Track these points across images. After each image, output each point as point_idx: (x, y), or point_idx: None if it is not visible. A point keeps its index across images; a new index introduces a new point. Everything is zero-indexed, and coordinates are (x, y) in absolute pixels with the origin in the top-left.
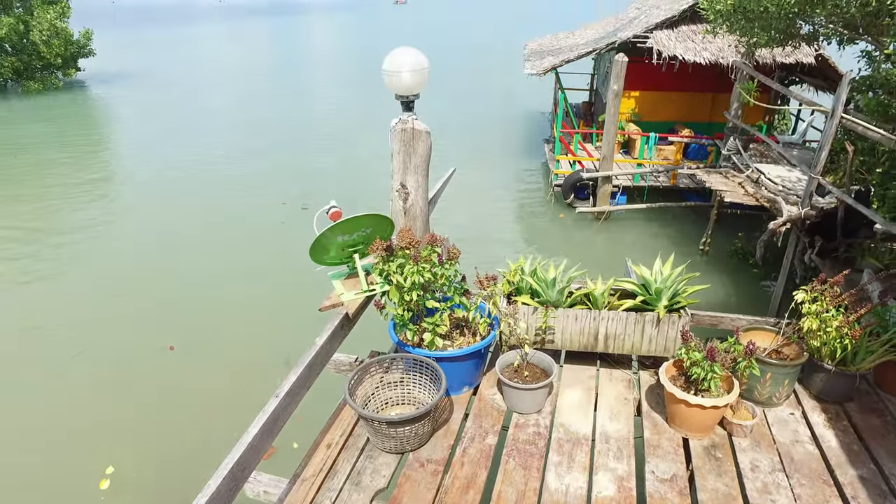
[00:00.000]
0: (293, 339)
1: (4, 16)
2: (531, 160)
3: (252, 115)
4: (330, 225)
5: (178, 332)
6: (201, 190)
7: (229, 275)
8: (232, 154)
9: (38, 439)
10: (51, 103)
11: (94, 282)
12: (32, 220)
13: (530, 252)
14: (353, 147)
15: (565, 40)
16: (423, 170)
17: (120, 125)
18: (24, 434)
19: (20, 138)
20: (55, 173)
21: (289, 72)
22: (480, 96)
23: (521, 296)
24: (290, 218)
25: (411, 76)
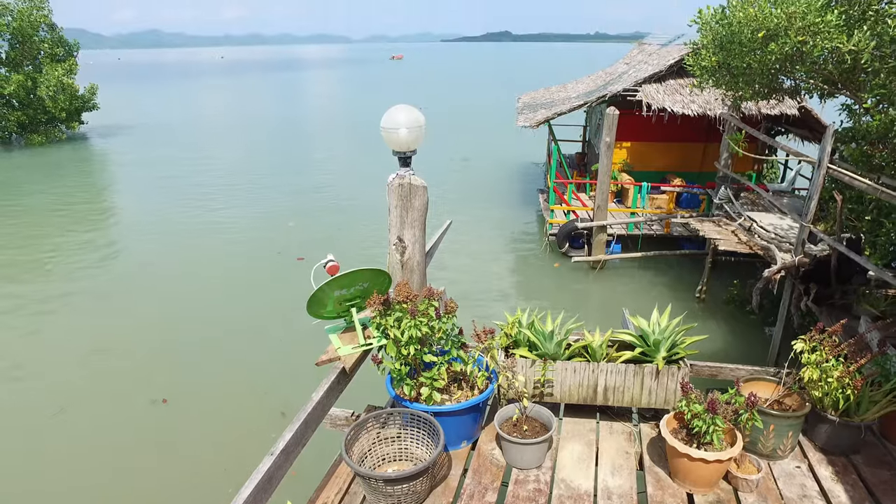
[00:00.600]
0: (289, 392)
1: (14, 73)
2: (526, 210)
3: (249, 166)
4: (328, 279)
5: (171, 384)
6: (196, 240)
7: (225, 326)
8: (227, 204)
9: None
10: (53, 155)
11: (87, 333)
12: (26, 271)
13: (527, 302)
14: (348, 198)
15: (557, 93)
16: (420, 224)
17: (118, 177)
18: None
19: (20, 189)
20: (51, 224)
21: (288, 124)
22: (474, 147)
23: (520, 349)
24: (285, 268)
25: (408, 133)
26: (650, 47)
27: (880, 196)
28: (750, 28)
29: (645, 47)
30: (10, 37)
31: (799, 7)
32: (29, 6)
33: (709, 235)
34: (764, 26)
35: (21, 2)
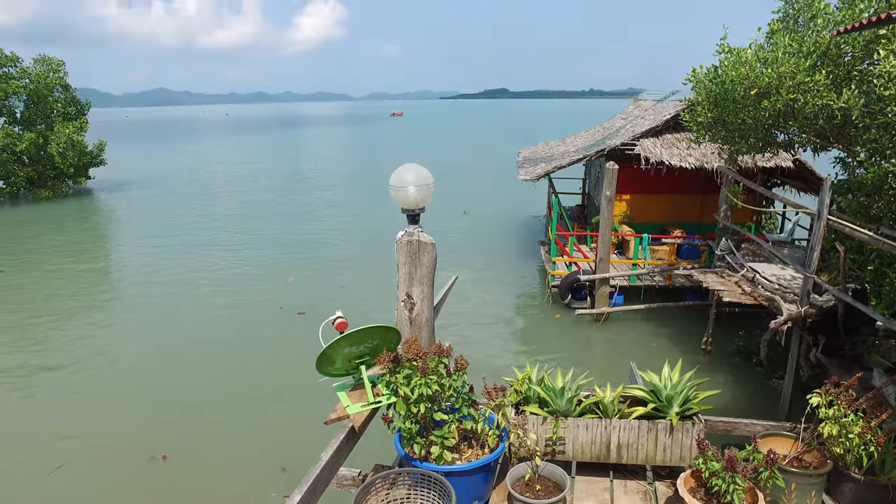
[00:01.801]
0: (289, 446)
1: (27, 132)
2: (527, 262)
3: (250, 221)
4: (337, 336)
5: (170, 440)
6: (196, 293)
7: (224, 381)
8: (227, 258)
9: None
10: (59, 210)
11: (88, 390)
12: (25, 328)
13: (530, 354)
14: (350, 254)
15: (556, 148)
16: (428, 280)
17: (121, 231)
18: None
19: (24, 243)
20: (53, 280)
21: (289, 180)
22: (474, 201)
23: (530, 405)
24: (285, 323)
25: (416, 191)
26: (646, 103)
27: (881, 247)
28: (743, 86)
29: (641, 103)
30: (27, 98)
31: (788, 67)
32: (46, 69)
33: (713, 287)
34: (756, 84)
35: (39, 65)
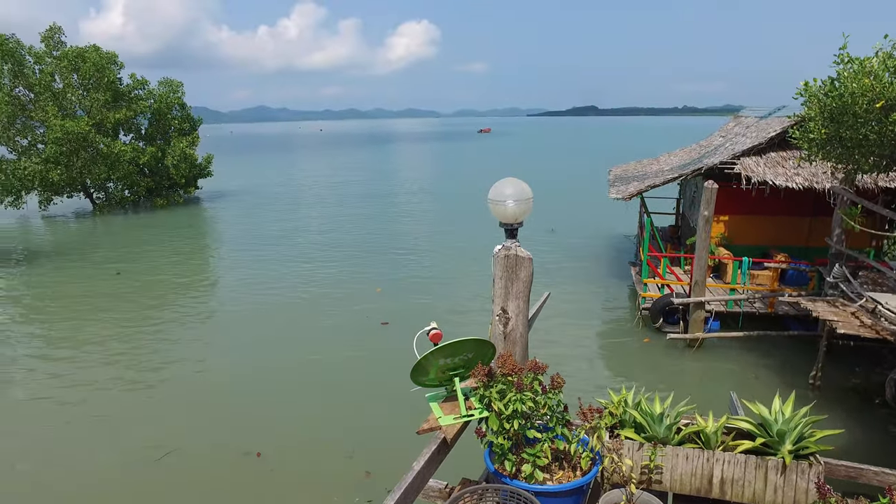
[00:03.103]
0: (373, 452)
1: (149, 146)
2: (616, 283)
3: (341, 231)
4: (432, 347)
5: (265, 439)
6: (288, 297)
7: (317, 386)
8: (319, 266)
9: None
10: (171, 217)
11: (190, 386)
12: (134, 320)
13: (617, 377)
14: (436, 267)
15: (649, 166)
16: (524, 296)
17: (222, 238)
18: None
19: (140, 246)
20: (162, 278)
21: (380, 193)
22: (563, 219)
23: (625, 429)
24: (370, 331)
25: (515, 205)
26: (748, 119)
27: None
28: (866, 99)
29: (742, 120)
30: (151, 116)
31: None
32: (168, 90)
33: (824, 317)
34: (883, 96)
35: (163, 87)
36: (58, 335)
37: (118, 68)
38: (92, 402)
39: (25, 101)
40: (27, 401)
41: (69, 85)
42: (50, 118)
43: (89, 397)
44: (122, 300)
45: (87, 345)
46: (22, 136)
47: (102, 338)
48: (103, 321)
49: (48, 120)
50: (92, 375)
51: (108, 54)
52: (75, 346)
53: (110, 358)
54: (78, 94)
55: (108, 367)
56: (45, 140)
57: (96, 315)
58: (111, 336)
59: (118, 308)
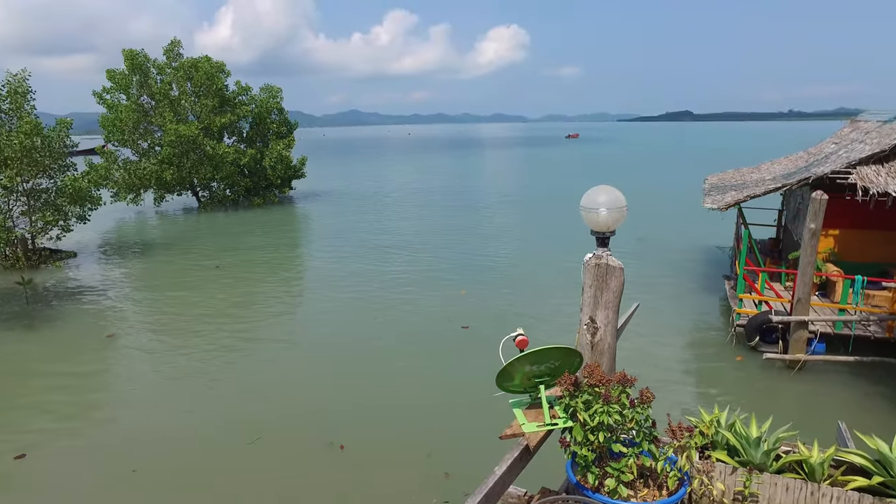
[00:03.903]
0: (458, 456)
1: (249, 148)
2: (708, 297)
3: (427, 233)
4: (518, 353)
5: (349, 433)
6: (373, 295)
7: (399, 384)
8: (404, 266)
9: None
10: (266, 215)
11: (279, 377)
12: (231, 311)
13: (704, 395)
14: (520, 273)
15: (749, 175)
16: (613, 306)
17: (312, 236)
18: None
19: (239, 243)
20: (256, 272)
21: (466, 197)
22: (653, 227)
23: (717, 451)
24: (451, 334)
25: (608, 213)
26: (867, 125)
27: None
28: None
29: (860, 125)
30: (252, 120)
31: None
32: (268, 95)
33: None
34: None
35: (264, 92)
36: (164, 319)
37: (225, 76)
38: (191, 384)
39: (147, 108)
40: (147, 376)
41: (183, 92)
42: (166, 123)
43: (190, 378)
44: (220, 291)
45: (188, 333)
46: (143, 140)
47: (201, 325)
48: (204, 308)
49: (165, 125)
50: (192, 360)
51: (217, 63)
52: (178, 331)
53: (211, 342)
54: (190, 100)
55: (206, 350)
56: (161, 143)
57: (198, 303)
58: (210, 323)
59: (217, 298)
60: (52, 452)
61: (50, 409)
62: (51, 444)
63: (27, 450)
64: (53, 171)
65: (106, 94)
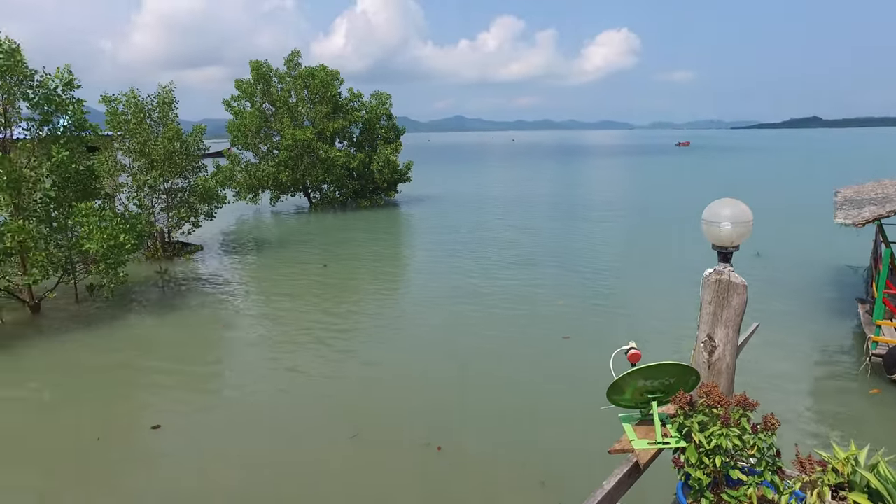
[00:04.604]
0: (556, 466)
1: (359, 152)
2: (837, 321)
3: (528, 240)
4: (630, 367)
5: (446, 435)
6: (475, 301)
7: (499, 389)
8: (503, 272)
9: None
10: (372, 218)
11: (379, 374)
12: (336, 308)
13: (831, 429)
14: (622, 286)
15: (891, 188)
16: (734, 324)
17: (415, 239)
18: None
19: (345, 243)
20: (361, 273)
21: (568, 205)
22: (772, 243)
23: (854, 493)
24: (554, 344)
25: (732, 228)
26: None
27: None
28: None
29: None
30: (362, 125)
31: None
32: (377, 102)
33: None
34: None
35: (374, 99)
36: (274, 313)
37: (339, 84)
38: (297, 375)
39: (268, 115)
40: (257, 365)
41: (301, 99)
42: (284, 128)
43: (296, 369)
44: (327, 289)
45: (296, 327)
46: (263, 144)
47: (308, 320)
48: (311, 305)
49: (283, 129)
50: (298, 353)
51: (332, 72)
52: (287, 325)
53: (317, 338)
54: (306, 106)
55: (312, 346)
56: (279, 147)
57: (306, 299)
58: (316, 319)
59: (323, 296)
60: (182, 425)
61: (178, 386)
62: (180, 417)
63: (161, 421)
64: (188, 171)
65: (233, 101)
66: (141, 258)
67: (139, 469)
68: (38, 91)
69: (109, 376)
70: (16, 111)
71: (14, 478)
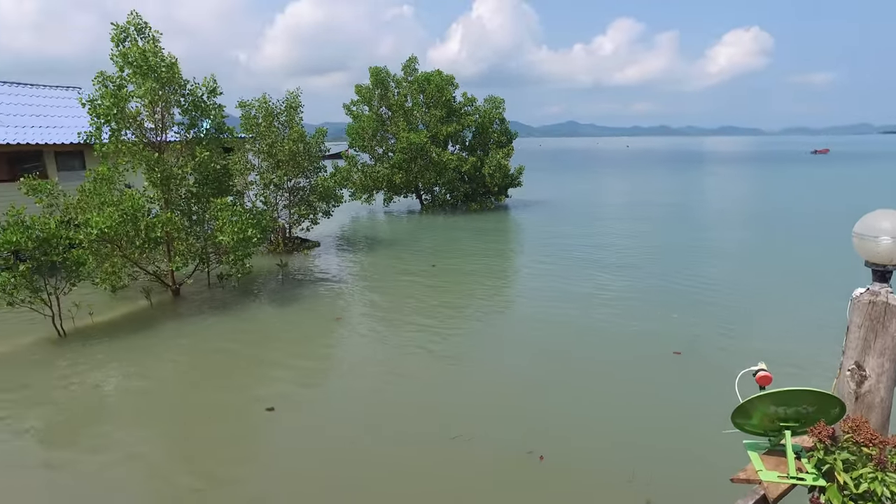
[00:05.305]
0: (665, 486)
1: (471, 156)
2: None
3: (640, 249)
4: (759, 391)
5: (549, 445)
6: (581, 311)
7: (606, 400)
8: (614, 282)
9: None
10: (482, 221)
11: (480, 372)
12: (439, 305)
13: None
14: (747, 304)
15: None
16: (891, 353)
17: (523, 245)
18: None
19: (454, 246)
20: (468, 275)
21: (688, 214)
22: None
23: None
24: (664, 359)
25: (893, 243)
26: None
27: None
28: None
29: None
30: (475, 129)
31: None
32: (491, 106)
33: None
34: None
35: (488, 103)
36: (383, 310)
37: (453, 88)
38: (403, 371)
39: (385, 118)
40: (366, 358)
41: (416, 104)
42: (399, 131)
43: (403, 365)
44: (434, 289)
45: (403, 324)
46: (379, 146)
47: (415, 318)
48: (418, 303)
49: (398, 133)
50: (405, 349)
51: (447, 77)
52: (395, 322)
53: (421, 337)
54: (421, 111)
55: (417, 344)
56: (394, 149)
57: (413, 297)
58: (422, 318)
59: (430, 296)
60: (295, 408)
61: (291, 371)
62: (293, 401)
63: (276, 403)
64: (310, 171)
65: (353, 105)
66: (264, 251)
67: (251, 446)
68: (188, 98)
69: (231, 357)
70: (170, 117)
71: (144, 438)
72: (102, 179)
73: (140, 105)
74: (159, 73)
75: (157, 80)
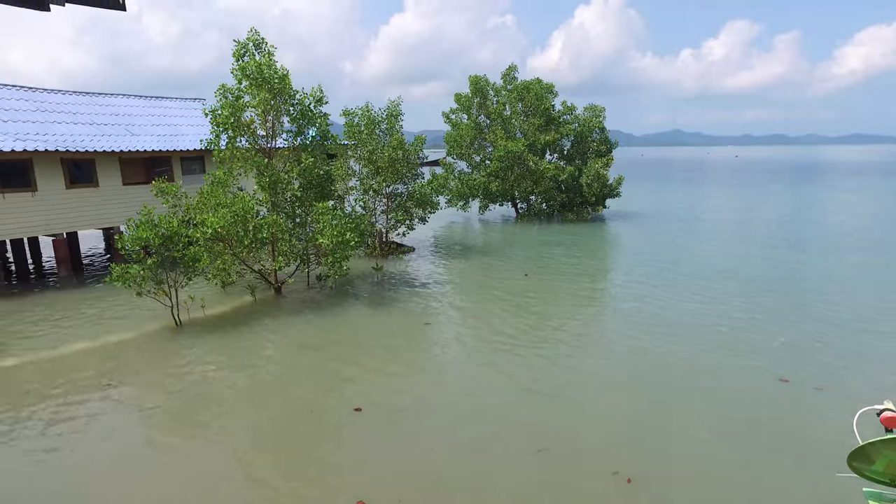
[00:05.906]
0: None
1: (568, 165)
2: None
3: (744, 269)
4: (885, 433)
5: (635, 467)
6: (679, 329)
7: (699, 426)
8: (713, 301)
9: None
10: (578, 232)
11: (568, 386)
12: (531, 315)
13: None
14: (869, 327)
15: None
16: None
17: (620, 259)
18: None
19: (548, 255)
20: (561, 287)
21: (792, 235)
22: None
23: None
24: (768, 384)
25: None
26: None
27: None
28: None
29: None
30: (573, 138)
31: None
32: (591, 115)
33: None
34: None
35: (587, 112)
36: (473, 317)
37: (553, 97)
38: (489, 379)
39: (483, 126)
40: (453, 364)
41: (514, 112)
42: (497, 140)
43: (490, 374)
44: (526, 299)
45: (493, 332)
46: (476, 154)
47: (505, 328)
48: (509, 313)
49: (496, 141)
50: (494, 357)
51: (547, 85)
52: (484, 330)
53: (511, 346)
54: (520, 119)
55: (506, 354)
56: (491, 157)
57: (504, 307)
58: (512, 328)
59: (522, 305)
60: (378, 412)
61: (380, 375)
62: (379, 404)
63: (363, 404)
64: (408, 178)
65: (452, 114)
66: (361, 254)
67: (335, 444)
68: (296, 108)
69: (324, 356)
70: (280, 125)
71: (238, 428)
72: (219, 183)
73: (254, 114)
74: (272, 84)
75: (270, 91)
